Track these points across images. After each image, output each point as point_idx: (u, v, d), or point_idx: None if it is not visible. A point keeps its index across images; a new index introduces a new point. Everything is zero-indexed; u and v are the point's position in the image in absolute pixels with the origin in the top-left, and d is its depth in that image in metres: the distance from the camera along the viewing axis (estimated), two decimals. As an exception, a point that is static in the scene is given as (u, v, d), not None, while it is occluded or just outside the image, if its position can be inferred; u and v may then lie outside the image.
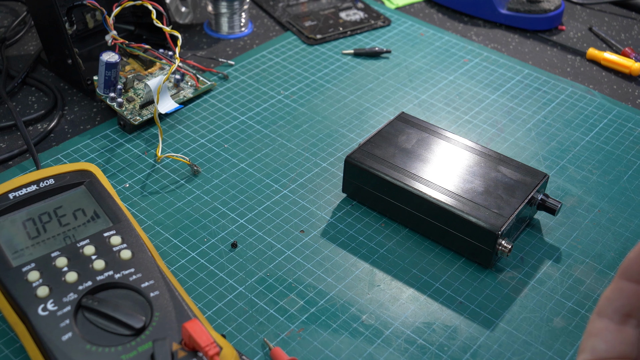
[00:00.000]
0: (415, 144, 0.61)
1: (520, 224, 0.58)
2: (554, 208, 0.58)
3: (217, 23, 0.85)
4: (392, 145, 0.61)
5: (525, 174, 0.58)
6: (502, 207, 0.55)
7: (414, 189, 0.57)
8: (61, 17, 0.68)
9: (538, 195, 0.58)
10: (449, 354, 0.50)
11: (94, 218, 0.51)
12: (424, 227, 0.58)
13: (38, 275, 0.46)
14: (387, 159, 0.59)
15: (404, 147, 0.61)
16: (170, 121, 0.71)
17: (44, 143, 0.68)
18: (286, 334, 0.51)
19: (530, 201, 0.57)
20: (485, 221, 0.54)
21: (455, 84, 0.78)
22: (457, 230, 0.56)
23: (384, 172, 0.58)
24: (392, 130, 0.63)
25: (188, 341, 0.43)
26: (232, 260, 0.56)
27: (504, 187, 0.57)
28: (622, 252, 0.58)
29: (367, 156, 0.60)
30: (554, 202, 0.58)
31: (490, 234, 0.54)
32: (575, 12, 0.94)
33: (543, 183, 0.58)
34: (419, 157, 0.60)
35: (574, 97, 0.77)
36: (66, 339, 0.43)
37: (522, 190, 0.57)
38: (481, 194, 0.56)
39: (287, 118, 0.72)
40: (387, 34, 0.87)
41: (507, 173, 0.58)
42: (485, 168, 0.59)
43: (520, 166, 0.59)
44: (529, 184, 0.57)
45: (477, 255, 0.56)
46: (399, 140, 0.61)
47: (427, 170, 0.58)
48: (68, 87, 0.76)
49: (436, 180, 0.57)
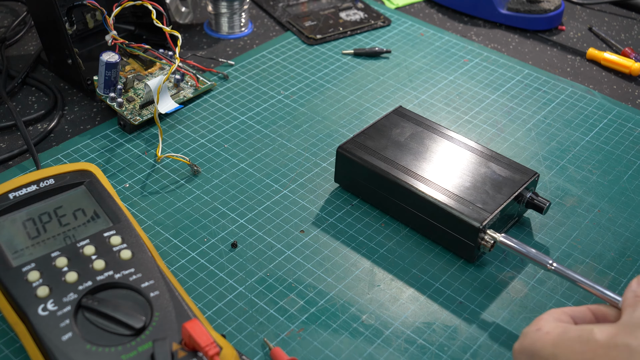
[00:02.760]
0: (409, 138, 0.61)
1: (506, 220, 0.58)
2: (542, 206, 0.58)
3: (217, 23, 0.85)
4: (385, 138, 0.61)
5: (515, 171, 0.58)
6: (487, 202, 0.55)
7: (400, 181, 0.57)
8: (61, 17, 0.68)
9: (527, 193, 0.58)
10: (449, 354, 0.50)
11: (94, 218, 0.51)
12: (411, 219, 0.59)
13: (38, 275, 0.46)
14: (379, 151, 0.60)
15: (397, 140, 0.61)
16: (170, 121, 0.71)
17: (44, 143, 0.68)
18: (286, 334, 0.51)
19: (517, 198, 0.57)
20: (468, 215, 0.54)
21: (455, 84, 0.78)
22: (441, 224, 0.56)
23: (373, 163, 0.59)
24: (387, 123, 0.63)
25: (188, 341, 0.43)
26: (232, 260, 0.56)
27: (492, 183, 0.57)
28: (622, 252, 0.58)
29: (359, 147, 0.60)
30: (543, 200, 0.58)
31: (472, 227, 0.54)
32: (575, 12, 0.94)
33: (532, 181, 0.58)
34: (411, 150, 0.60)
35: (574, 97, 0.77)
36: (66, 339, 0.43)
37: (510, 187, 0.57)
38: (468, 188, 0.57)
39: (287, 118, 0.72)
40: (387, 34, 0.87)
41: (496, 170, 0.58)
42: (475, 164, 0.59)
43: (511, 164, 0.59)
44: (517, 181, 0.57)
45: (460, 249, 0.56)
46: (393, 133, 0.62)
47: (416, 163, 0.59)
48: (68, 87, 0.76)
49: (424, 174, 0.58)
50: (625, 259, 0.58)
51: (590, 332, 0.41)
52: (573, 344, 0.41)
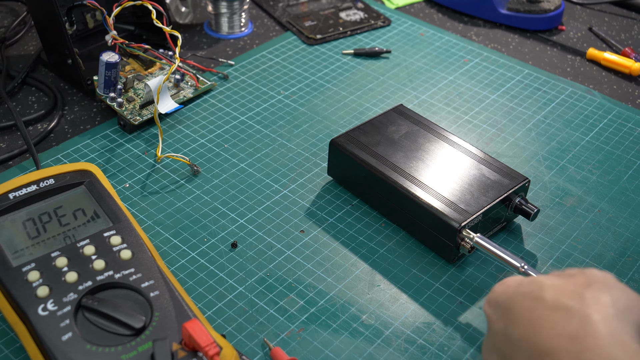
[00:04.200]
0: (403, 136, 0.62)
1: (491, 223, 0.58)
2: (529, 212, 0.58)
3: (217, 23, 0.85)
4: (379, 134, 0.62)
5: (505, 175, 0.58)
6: (470, 204, 0.55)
7: (387, 178, 0.58)
8: (61, 17, 0.68)
9: (515, 197, 0.58)
10: (449, 354, 0.50)
11: (94, 218, 0.51)
12: (396, 216, 0.59)
13: (38, 275, 0.46)
14: (370, 146, 0.60)
15: (391, 137, 0.61)
16: (170, 121, 0.71)
17: (44, 143, 0.68)
18: (286, 334, 0.51)
19: (504, 202, 0.57)
20: (448, 215, 0.54)
21: (455, 84, 0.78)
22: (423, 222, 0.56)
23: (363, 158, 0.59)
24: (384, 120, 0.63)
25: (188, 341, 0.43)
26: (232, 260, 0.56)
27: (479, 185, 0.57)
28: (622, 252, 0.58)
29: (352, 141, 0.61)
30: (531, 206, 0.58)
31: (451, 227, 0.54)
32: (575, 12, 0.94)
33: (522, 186, 0.58)
34: (403, 148, 0.60)
35: (574, 97, 0.77)
36: (66, 339, 0.43)
37: (496, 191, 0.56)
38: (454, 189, 0.57)
39: (287, 118, 0.72)
40: (387, 34, 0.87)
41: (486, 173, 0.58)
42: (466, 166, 0.59)
43: (503, 168, 0.59)
44: (505, 186, 0.57)
45: (440, 249, 0.56)
46: (388, 131, 0.62)
47: (406, 161, 0.59)
48: (68, 87, 0.76)
49: (412, 172, 0.58)
50: (625, 259, 0.58)
51: (540, 287, 0.41)
52: (524, 300, 0.42)
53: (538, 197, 0.63)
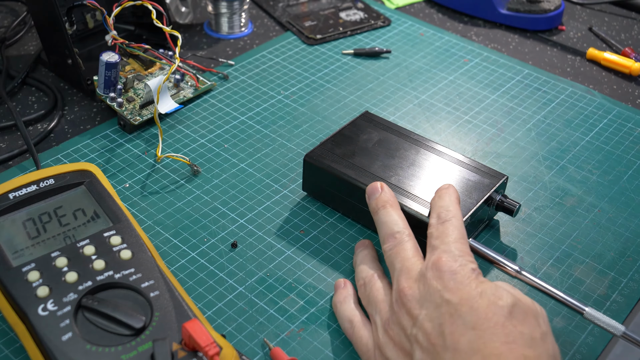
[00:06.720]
0: (376, 144, 0.60)
1: (477, 224, 0.57)
2: (512, 208, 0.57)
3: (217, 23, 0.85)
4: (352, 144, 0.60)
5: (484, 175, 0.58)
6: None
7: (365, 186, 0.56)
8: (61, 17, 0.68)
9: (496, 196, 0.58)
10: (449, 354, 0.50)
11: (94, 218, 0.51)
12: None
13: (38, 275, 0.46)
14: (347, 158, 0.59)
15: (365, 146, 0.60)
16: (170, 121, 0.71)
17: (44, 143, 0.68)
18: (286, 334, 0.51)
19: (487, 202, 0.57)
20: None
21: (455, 84, 0.78)
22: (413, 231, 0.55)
23: (342, 170, 0.58)
24: (354, 129, 0.62)
25: (188, 341, 0.43)
26: (232, 260, 0.56)
27: (462, 188, 0.56)
28: (622, 252, 0.58)
29: (326, 155, 0.59)
30: (512, 202, 0.58)
31: None
32: (575, 12, 0.94)
33: (502, 184, 0.58)
34: (379, 156, 0.59)
35: (574, 97, 0.77)
36: (66, 339, 0.43)
37: (479, 191, 0.56)
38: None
39: (287, 118, 0.72)
40: (387, 34, 0.87)
41: (466, 174, 0.58)
42: (445, 169, 0.58)
43: (479, 167, 0.58)
44: (487, 185, 0.57)
45: None
46: (360, 140, 0.61)
47: (385, 170, 0.58)
48: (68, 87, 0.76)
49: (394, 181, 0.57)
50: (625, 259, 0.58)
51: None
52: None
53: (538, 197, 0.63)
